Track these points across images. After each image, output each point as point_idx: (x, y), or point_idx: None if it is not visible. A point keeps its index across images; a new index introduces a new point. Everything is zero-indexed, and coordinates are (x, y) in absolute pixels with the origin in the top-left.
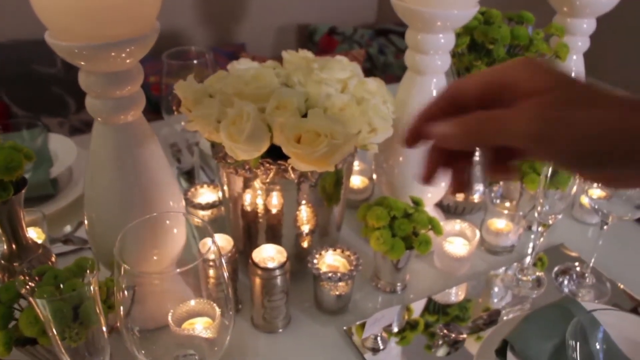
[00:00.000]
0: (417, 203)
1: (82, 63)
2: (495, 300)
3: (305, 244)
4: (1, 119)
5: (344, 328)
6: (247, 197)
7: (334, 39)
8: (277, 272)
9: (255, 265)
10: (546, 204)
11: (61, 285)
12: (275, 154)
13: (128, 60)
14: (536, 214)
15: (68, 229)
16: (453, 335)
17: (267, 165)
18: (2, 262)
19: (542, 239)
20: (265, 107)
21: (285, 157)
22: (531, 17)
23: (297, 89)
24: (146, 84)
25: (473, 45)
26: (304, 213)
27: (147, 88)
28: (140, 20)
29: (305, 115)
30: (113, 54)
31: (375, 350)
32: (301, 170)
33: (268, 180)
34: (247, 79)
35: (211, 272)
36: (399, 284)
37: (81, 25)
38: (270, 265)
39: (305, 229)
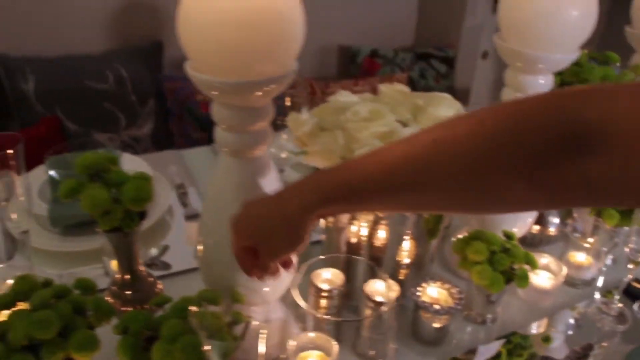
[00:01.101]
0: (509, 237)
1: (219, 96)
2: (582, 334)
3: (401, 276)
4: (56, 134)
5: (457, 356)
6: (353, 229)
7: (376, 62)
8: (388, 306)
9: (369, 298)
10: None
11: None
12: None
13: (265, 98)
14: (627, 250)
15: (154, 252)
16: None
17: None
18: (113, 288)
19: (630, 276)
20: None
21: None
22: (617, 57)
23: (412, 126)
24: (194, 102)
25: (562, 85)
26: (406, 246)
27: (197, 106)
28: (283, 61)
29: None
30: (254, 91)
31: None
32: None
33: (384, 214)
34: (365, 116)
35: (323, 302)
36: (489, 316)
37: (227, 62)
38: (379, 299)
39: (406, 261)
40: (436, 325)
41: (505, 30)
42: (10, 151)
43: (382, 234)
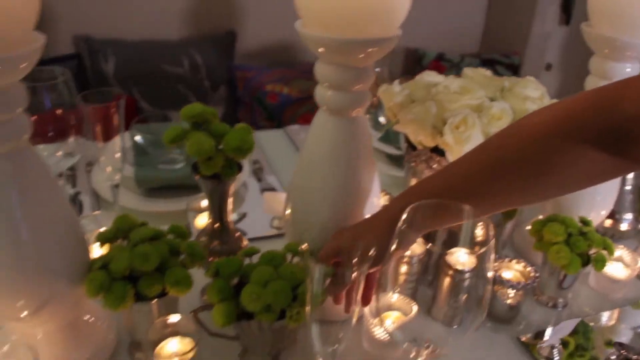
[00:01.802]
0: (586, 223)
1: (325, 53)
2: None
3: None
4: (131, 114)
5: (521, 338)
6: None
7: (442, 65)
8: (468, 274)
9: (449, 266)
10: None
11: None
12: None
13: (367, 59)
14: None
15: (234, 217)
16: (634, 356)
17: None
18: (203, 239)
19: None
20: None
21: None
22: None
23: (500, 102)
24: (264, 92)
25: None
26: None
27: (266, 96)
28: (388, 24)
29: None
30: (359, 51)
31: (549, 359)
32: None
33: None
34: (456, 90)
35: (404, 268)
36: (560, 300)
37: (336, 20)
38: (459, 267)
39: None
40: (509, 302)
41: (594, 16)
42: (113, 105)
43: None
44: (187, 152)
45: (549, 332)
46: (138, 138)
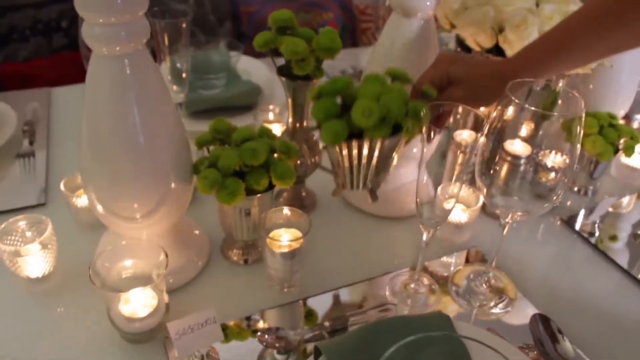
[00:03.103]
0: (613, 117)
1: None
2: None
3: None
4: None
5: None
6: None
7: None
8: (524, 160)
9: (507, 153)
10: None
11: None
12: None
13: None
14: None
15: None
16: None
17: None
18: (285, 136)
19: None
20: None
21: None
22: None
23: (550, 4)
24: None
25: None
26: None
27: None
28: None
29: None
30: None
31: (592, 234)
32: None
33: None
34: None
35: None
36: (591, 187)
37: None
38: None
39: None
40: (548, 183)
41: None
42: (181, 21)
43: (509, 111)
44: (283, 53)
45: (581, 214)
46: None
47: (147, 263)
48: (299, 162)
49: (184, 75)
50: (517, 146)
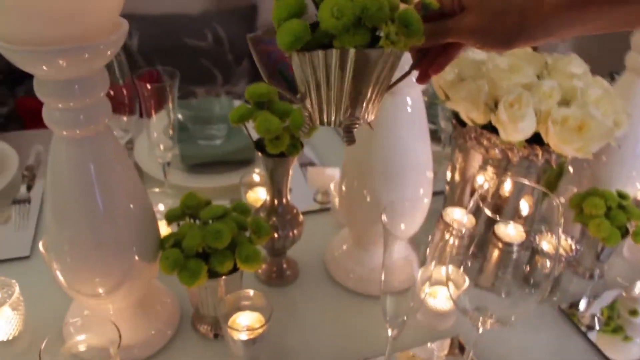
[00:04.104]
0: (623, 197)
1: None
2: None
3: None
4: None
5: (562, 306)
6: (479, 180)
7: None
8: (516, 248)
9: (498, 238)
10: None
11: None
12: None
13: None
14: None
15: None
16: None
17: (524, 148)
18: (262, 214)
19: None
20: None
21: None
22: None
23: (547, 80)
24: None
25: None
26: (526, 199)
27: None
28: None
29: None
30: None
31: (590, 328)
32: (565, 154)
33: (516, 160)
34: (505, 68)
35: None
36: (597, 271)
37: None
38: (508, 240)
39: (524, 213)
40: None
41: None
42: (168, 84)
43: (507, 186)
44: (255, 130)
45: (584, 302)
46: (180, 115)
47: (105, 338)
48: (276, 235)
49: (170, 132)
50: (510, 230)
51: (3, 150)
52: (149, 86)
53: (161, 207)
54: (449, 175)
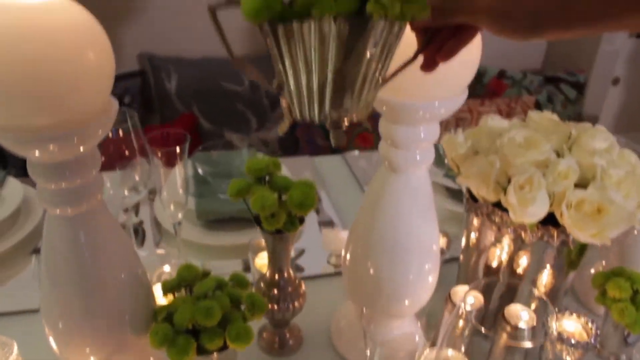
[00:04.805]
0: None
1: (388, 112)
2: None
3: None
4: (192, 131)
5: None
6: (495, 254)
7: (504, 83)
8: (527, 333)
9: (507, 322)
10: None
11: None
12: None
13: (432, 119)
14: None
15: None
16: None
17: (537, 229)
18: (262, 285)
19: None
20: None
21: (553, 223)
22: None
23: (567, 157)
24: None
25: None
26: (546, 276)
27: None
28: (456, 86)
29: (579, 185)
30: (422, 113)
31: None
32: (580, 240)
33: (531, 242)
34: (521, 142)
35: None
36: (623, 357)
37: (402, 84)
38: (520, 325)
39: (542, 290)
40: (571, 358)
41: None
42: (178, 149)
43: (523, 261)
44: (251, 206)
45: None
46: (200, 170)
47: None
48: (276, 307)
49: (180, 191)
50: (521, 312)
51: (28, 194)
52: (159, 153)
53: (167, 268)
54: (463, 241)
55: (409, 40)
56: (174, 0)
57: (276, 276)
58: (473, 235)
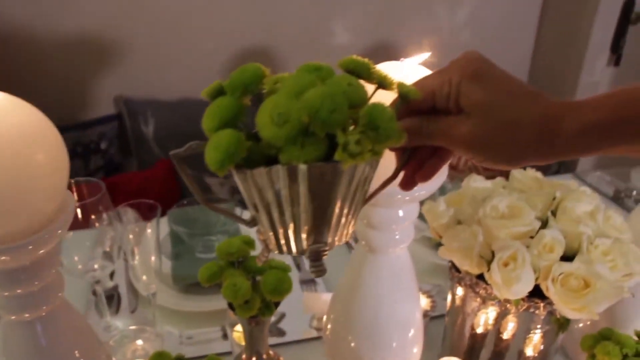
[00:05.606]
0: None
1: None
2: None
3: None
4: (171, 176)
5: None
6: (481, 320)
7: None
8: None
9: None
10: None
11: None
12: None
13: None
14: None
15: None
16: None
17: (523, 302)
18: None
19: None
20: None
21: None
22: None
23: (552, 226)
24: None
25: None
26: (535, 339)
27: None
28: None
29: (565, 257)
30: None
31: None
32: (567, 316)
33: (518, 313)
34: (504, 212)
35: None
36: None
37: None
38: None
39: (529, 354)
40: None
41: None
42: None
43: (510, 326)
44: (222, 294)
45: None
46: (175, 228)
47: None
48: None
49: (152, 259)
50: None
51: None
52: (128, 227)
53: (139, 342)
54: (449, 303)
55: (388, 156)
56: (149, 44)
57: (254, 359)
58: (458, 301)
